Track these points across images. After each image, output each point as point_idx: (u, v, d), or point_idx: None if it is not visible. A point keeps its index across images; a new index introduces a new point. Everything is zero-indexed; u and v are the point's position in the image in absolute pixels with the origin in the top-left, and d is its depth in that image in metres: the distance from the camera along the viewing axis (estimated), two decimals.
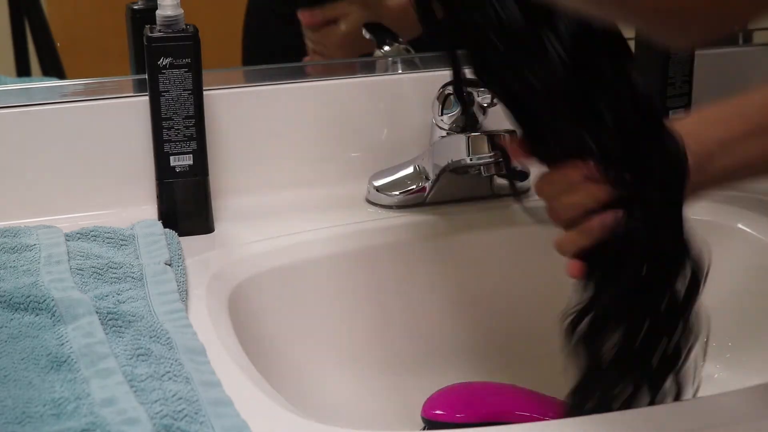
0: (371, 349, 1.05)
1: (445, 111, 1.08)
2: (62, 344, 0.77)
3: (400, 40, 1.23)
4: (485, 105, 1.06)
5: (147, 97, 1.01)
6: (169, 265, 0.92)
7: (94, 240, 0.96)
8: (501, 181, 1.09)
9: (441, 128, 1.08)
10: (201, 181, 1.04)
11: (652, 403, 0.78)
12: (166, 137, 1.01)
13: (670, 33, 0.61)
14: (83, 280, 0.88)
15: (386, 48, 1.22)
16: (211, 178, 1.05)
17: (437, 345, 1.07)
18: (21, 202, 1.06)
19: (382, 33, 1.23)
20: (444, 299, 1.07)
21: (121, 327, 0.80)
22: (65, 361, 0.75)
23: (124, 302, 0.85)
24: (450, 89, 1.07)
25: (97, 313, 0.81)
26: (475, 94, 1.05)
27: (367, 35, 1.23)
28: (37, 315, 0.82)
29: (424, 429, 0.92)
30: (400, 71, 1.21)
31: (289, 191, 1.13)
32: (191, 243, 1.00)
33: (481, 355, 1.06)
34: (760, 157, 0.83)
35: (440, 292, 1.07)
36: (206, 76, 1.02)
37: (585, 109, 0.78)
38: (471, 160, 1.04)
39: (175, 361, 0.76)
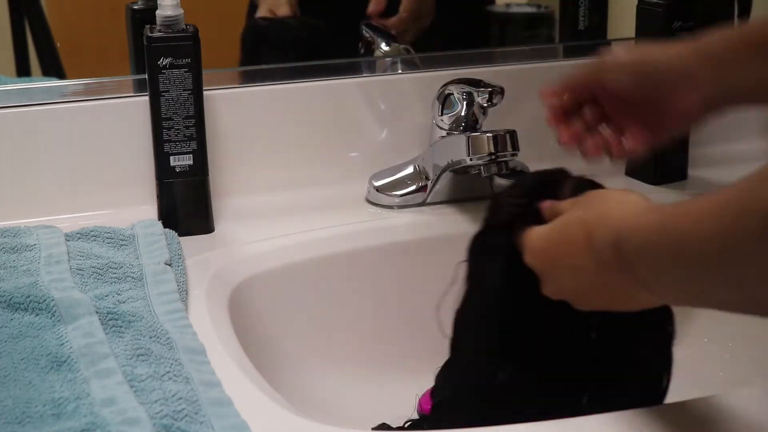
0: (371, 348, 1.05)
1: (445, 111, 1.08)
2: (62, 344, 0.77)
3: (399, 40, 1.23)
4: (485, 105, 1.06)
5: (147, 97, 1.01)
6: (169, 265, 0.92)
7: (94, 240, 0.96)
8: (501, 181, 1.09)
9: (441, 128, 1.08)
10: (201, 181, 1.04)
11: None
12: (166, 137, 1.01)
13: None
14: (83, 280, 0.88)
15: (386, 48, 1.22)
16: (211, 178, 1.05)
17: (437, 345, 1.07)
18: (21, 202, 1.06)
19: (382, 33, 1.23)
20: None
21: (121, 327, 0.80)
22: (65, 361, 0.75)
23: (124, 302, 0.85)
24: (450, 89, 1.07)
25: (97, 313, 0.81)
26: (475, 94, 1.05)
27: (367, 34, 1.23)
28: (37, 315, 0.82)
29: (421, 426, 0.92)
30: (400, 71, 1.21)
31: (289, 191, 1.13)
32: (191, 243, 1.00)
33: None
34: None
35: (440, 291, 1.07)
36: (206, 76, 1.02)
37: None
38: (471, 160, 1.04)
39: (175, 361, 0.76)
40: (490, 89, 1.04)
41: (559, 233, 0.73)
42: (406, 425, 0.93)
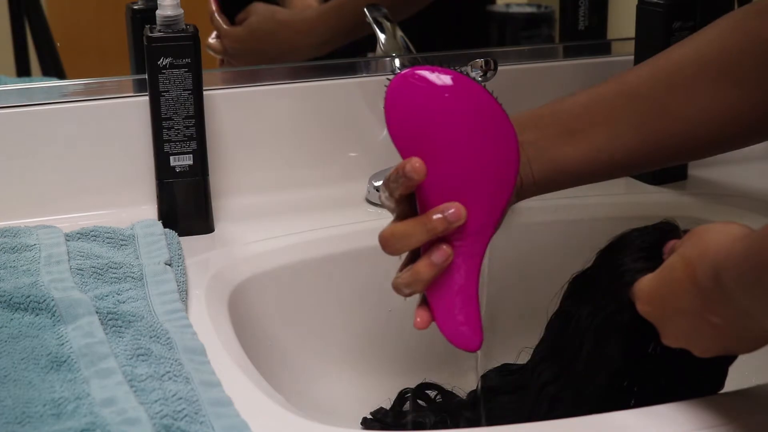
0: (371, 348, 1.05)
1: None
2: (62, 344, 0.77)
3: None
4: (479, 79, 1.04)
5: (147, 97, 1.01)
6: (169, 265, 0.92)
7: (94, 240, 0.96)
8: None
9: None
10: (201, 181, 1.04)
11: None
12: (166, 137, 1.01)
13: None
14: (83, 280, 0.88)
15: (382, 36, 1.22)
16: (211, 178, 1.05)
17: (437, 345, 1.07)
18: (21, 202, 1.06)
19: (378, 22, 1.22)
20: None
21: (121, 327, 0.80)
22: (65, 361, 0.75)
23: (124, 302, 0.85)
24: None
25: (97, 313, 0.81)
26: (469, 69, 1.04)
27: (369, 18, 1.22)
28: (37, 315, 0.82)
29: None
30: (400, 71, 1.21)
31: (289, 191, 1.13)
32: (191, 243, 1.00)
33: (481, 353, 1.06)
34: (573, 162, 0.82)
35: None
36: (206, 76, 1.02)
37: None
38: None
39: (175, 361, 0.76)
40: (484, 59, 1.02)
41: (667, 277, 0.71)
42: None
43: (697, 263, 0.68)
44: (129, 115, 1.07)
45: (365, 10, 1.21)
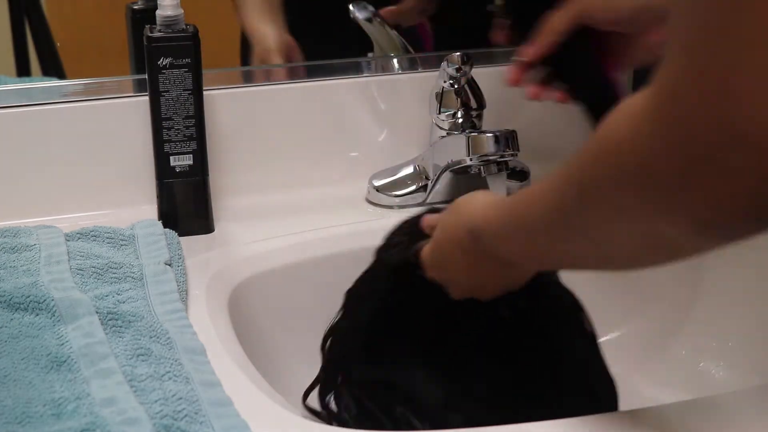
0: None
1: (443, 110, 1.08)
2: (62, 344, 0.77)
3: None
4: (457, 74, 1.06)
5: (147, 97, 1.01)
6: (169, 265, 0.92)
7: (94, 240, 0.96)
8: (509, 183, 1.09)
9: (441, 128, 1.08)
10: (201, 181, 1.04)
11: None
12: (166, 137, 1.01)
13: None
14: (83, 280, 0.88)
15: (372, 34, 1.21)
16: (211, 178, 1.05)
17: None
18: (21, 202, 1.06)
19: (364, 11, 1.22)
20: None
21: (121, 327, 0.80)
22: (65, 361, 0.75)
23: (124, 302, 0.85)
24: (439, 82, 1.07)
25: (97, 313, 0.81)
26: (444, 64, 1.06)
27: (357, 17, 1.22)
28: (37, 315, 0.82)
29: None
30: (399, 71, 1.21)
31: (289, 191, 1.13)
32: (191, 243, 1.00)
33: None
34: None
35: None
36: (206, 76, 1.02)
37: None
38: (471, 160, 1.04)
39: (175, 361, 0.76)
40: (459, 54, 1.07)
41: (437, 248, 0.82)
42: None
43: (455, 230, 0.79)
44: (129, 115, 1.07)
45: (350, 7, 1.20)
